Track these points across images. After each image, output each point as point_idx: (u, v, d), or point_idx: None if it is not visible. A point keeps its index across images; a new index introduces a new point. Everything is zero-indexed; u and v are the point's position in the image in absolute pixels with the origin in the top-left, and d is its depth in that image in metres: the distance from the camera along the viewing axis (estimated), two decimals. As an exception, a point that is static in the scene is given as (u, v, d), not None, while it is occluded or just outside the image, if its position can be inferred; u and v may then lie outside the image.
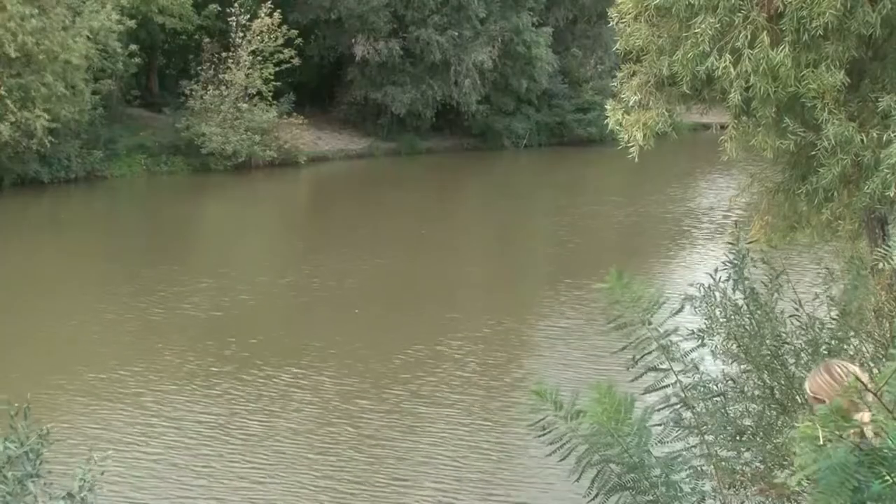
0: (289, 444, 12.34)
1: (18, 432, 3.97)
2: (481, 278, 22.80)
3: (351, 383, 14.52)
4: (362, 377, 14.73)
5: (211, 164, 38.41)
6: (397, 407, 13.68)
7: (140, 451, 12.09)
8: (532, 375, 14.74)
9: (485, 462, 11.94)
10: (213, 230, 29.68)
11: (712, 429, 5.38)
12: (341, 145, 45.17)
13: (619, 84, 8.33)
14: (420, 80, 44.99)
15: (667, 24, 6.94)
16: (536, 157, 47.20)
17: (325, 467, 11.72)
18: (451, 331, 17.31)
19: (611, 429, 4.87)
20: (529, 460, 11.68)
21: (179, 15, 40.27)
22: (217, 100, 38.92)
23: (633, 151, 8.15)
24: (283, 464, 11.79)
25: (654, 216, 30.45)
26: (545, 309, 19.39)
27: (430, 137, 47.53)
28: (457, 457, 12.09)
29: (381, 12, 43.19)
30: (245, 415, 13.31)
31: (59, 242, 26.33)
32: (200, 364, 15.37)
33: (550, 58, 48.47)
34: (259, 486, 11.24)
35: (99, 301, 19.19)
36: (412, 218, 29.93)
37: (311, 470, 11.65)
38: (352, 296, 20.19)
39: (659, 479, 4.80)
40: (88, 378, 14.54)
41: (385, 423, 13.09)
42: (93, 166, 35.56)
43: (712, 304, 5.76)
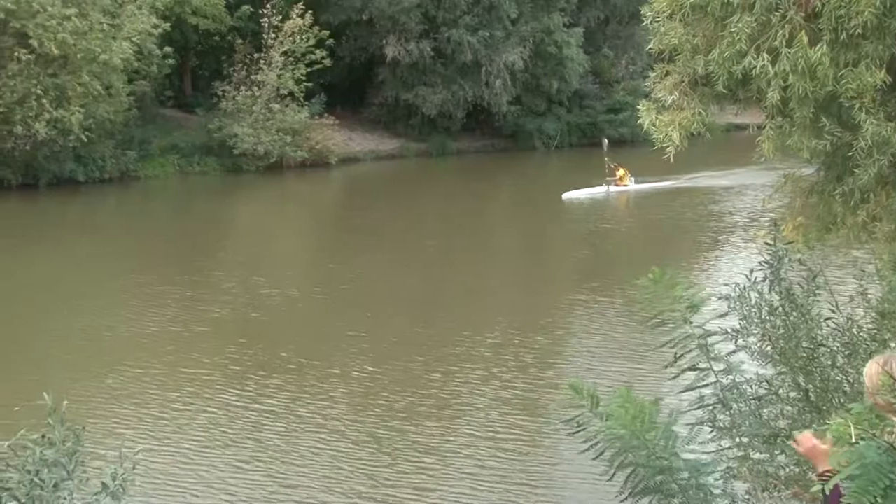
0: (318, 443, 12.32)
1: (54, 435, 4.01)
2: (513, 279, 22.74)
3: (380, 383, 14.50)
4: (392, 377, 14.70)
5: (243, 164, 38.70)
6: (427, 406, 13.64)
7: (172, 448, 12.14)
8: (565, 375, 14.69)
9: (517, 462, 11.87)
10: (244, 231, 29.86)
11: (746, 431, 5.33)
12: (372, 146, 45.32)
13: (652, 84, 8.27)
14: (451, 81, 45.02)
15: (702, 23, 6.87)
16: (567, 158, 47.05)
17: (355, 466, 11.68)
18: (482, 330, 17.24)
19: (635, 432, 4.85)
20: (561, 460, 11.63)
21: (213, 16, 40.66)
22: (249, 100, 39.20)
23: (668, 152, 8.07)
24: (313, 462, 11.77)
25: (686, 216, 30.23)
26: (578, 309, 19.26)
27: (461, 138, 47.55)
28: (488, 456, 12.03)
29: (413, 13, 43.26)
30: (274, 413, 13.32)
31: (93, 242, 26.61)
32: (231, 363, 15.44)
33: (581, 58, 48.33)
34: (286, 482, 11.24)
35: (132, 300, 19.34)
36: (442, 219, 29.95)
37: (340, 469, 11.60)
38: (381, 296, 20.20)
39: (688, 482, 4.76)
40: (121, 376, 14.65)
41: (415, 422, 13.04)
42: (127, 166, 35.98)
43: (747, 304, 5.70)
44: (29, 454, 3.90)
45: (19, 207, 31.12)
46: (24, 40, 31.00)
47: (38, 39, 30.78)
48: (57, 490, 3.90)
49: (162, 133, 39.50)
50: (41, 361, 15.43)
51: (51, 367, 15.14)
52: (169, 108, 43.05)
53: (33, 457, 3.88)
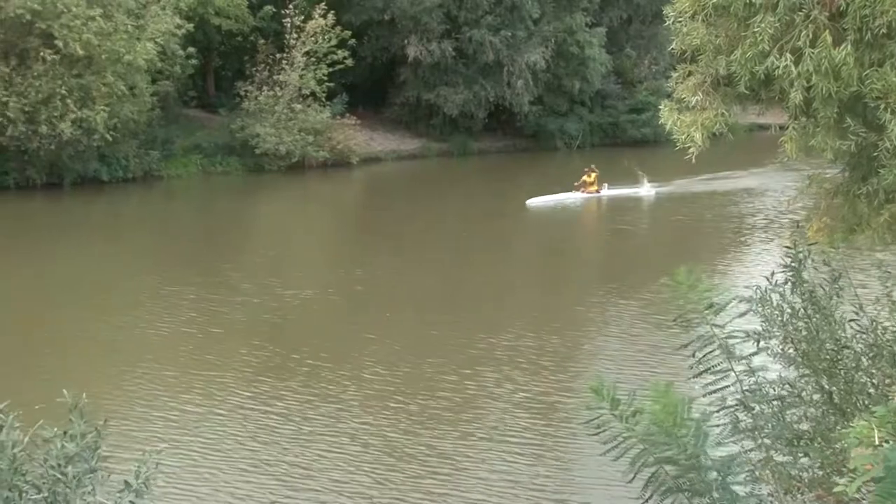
0: (330, 445, 12.32)
1: (76, 429, 4.03)
2: (532, 280, 22.68)
3: (394, 385, 14.47)
4: (406, 380, 14.68)
5: (265, 164, 38.84)
6: (441, 409, 13.60)
7: (184, 449, 12.18)
8: (581, 377, 14.62)
9: (531, 466, 11.80)
10: (264, 231, 29.94)
11: (769, 433, 5.30)
12: (393, 146, 45.36)
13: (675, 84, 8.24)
14: (473, 81, 44.99)
15: (725, 23, 6.84)
16: (589, 158, 46.80)
17: (368, 469, 11.64)
18: (498, 332, 17.20)
19: (668, 429, 4.83)
20: (582, 460, 11.58)
21: (235, 17, 40.83)
22: (271, 100, 39.33)
23: (691, 152, 8.04)
24: (324, 465, 11.76)
25: (709, 217, 30.09)
26: (596, 311, 19.18)
27: (483, 138, 47.51)
28: (502, 460, 11.96)
29: (435, 13, 43.26)
30: (294, 411, 13.37)
31: (115, 241, 26.79)
32: (251, 362, 15.49)
33: (604, 58, 48.18)
34: (298, 485, 11.24)
35: (151, 301, 19.44)
36: (462, 219, 29.90)
37: (352, 472, 11.59)
38: (398, 297, 20.23)
39: (715, 482, 4.74)
40: (136, 376, 14.72)
41: (428, 425, 13.00)
42: (150, 166, 36.19)
43: (770, 306, 5.67)
44: (51, 448, 3.92)
45: (44, 206, 31.38)
46: (49, 41, 31.24)
47: (63, 40, 31.01)
48: (80, 485, 3.92)
49: (185, 133, 39.71)
50: (60, 359, 15.53)
51: (69, 365, 15.27)
52: (192, 108, 43.27)
53: (56, 450, 3.90)
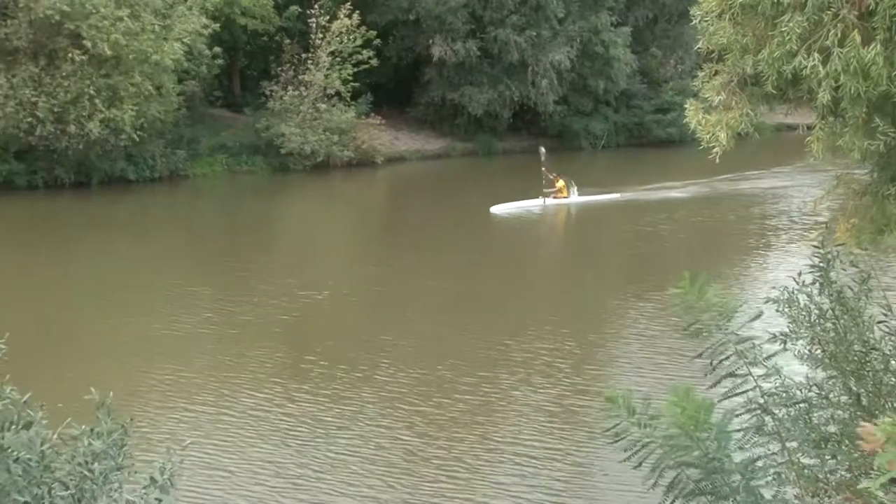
0: (344, 448, 12.25)
1: (102, 426, 4.06)
2: (555, 281, 22.60)
3: (417, 384, 14.44)
4: (422, 382, 14.60)
5: (290, 163, 39.02)
6: (456, 412, 13.50)
7: (216, 443, 12.25)
8: (600, 381, 14.54)
9: (548, 471, 11.68)
10: (288, 230, 30.07)
11: (795, 435, 5.26)
12: (418, 146, 45.43)
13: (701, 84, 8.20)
14: (497, 81, 44.97)
15: (752, 22, 6.78)
16: (614, 158, 46.76)
17: (381, 472, 11.56)
18: (516, 334, 17.11)
19: (689, 432, 4.80)
20: (600, 464, 11.50)
21: (261, 17, 41.08)
22: (296, 100, 39.51)
23: (714, 152, 8.00)
24: (338, 468, 11.67)
25: (735, 217, 29.91)
26: (619, 312, 19.07)
27: (507, 138, 47.48)
28: (518, 464, 11.87)
29: (459, 13, 43.29)
30: (309, 413, 13.33)
31: (141, 240, 26.99)
32: (275, 361, 15.53)
33: (629, 58, 48.02)
34: (311, 488, 11.19)
35: (172, 300, 19.55)
36: (485, 218, 29.84)
37: (366, 476, 11.48)
38: (416, 298, 20.18)
39: (739, 485, 4.71)
40: (167, 372, 14.81)
41: (444, 429, 12.91)
42: (176, 165, 36.47)
43: (796, 307, 5.62)
44: (78, 445, 3.96)
45: (72, 205, 31.67)
46: (77, 41, 31.55)
47: (91, 40, 31.30)
48: (106, 482, 3.95)
49: (210, 132, 39.96)
50: (82, 358, 15.65)
51: (91, 363, 15.39)
52: (217, 107, 43.55)
53: (83, 448, 3.94)
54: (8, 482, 3.58)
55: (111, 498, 4.01)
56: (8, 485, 3.58)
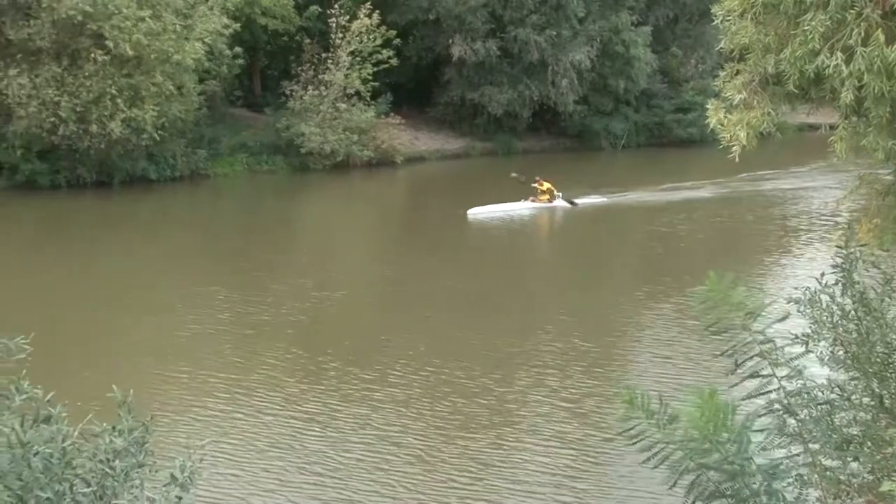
0: (358, 450, 12.21)
1: (123, 424, 4.09)
2: (572, 281, 22.49)
3: (431, 385, 14.40)
4: (438, 383, 14.55)
5: (310, 163, 39.11)
6: (473, 413, 13.45)
7: (229, 444, 12.27)
8: (618, 381, 14.47)
9: (567, 473, 11.61)
10: (307, 230, 30.14)
11: (817, 437, 5.22)
12: (438, 145, 45.44)
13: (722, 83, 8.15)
14: (517, 81, 44.91)
15: (774, 21, 6.74)
16: (634, 158, 46.61)
17: (397, 474, 11.53)
18: (533, 335, 17.05)
19: (710, 435, 4.78)
20: (617, 466, 11.44)
21: (282, 16, 41.21)
22: (316, 100, 39.60)
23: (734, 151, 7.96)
24: (353, 470, 11.65)
25: (755, 218, 29.77)
26: (635, 312, 18.96)
27: (527, 138, 47.42)
28: (536, 467, 11.81)
29: (479, 12, 43.26)
30: (322, 414, 13.30)
31: (163, 239, 27.12)
32: (289, 362, 15.52)
33: (649, 57, 47.86)
34: (325, 489, 11.17)
35: (196, 298, 19.62)
36: (504, 218, 29.80)
37: (381, 478, 11.46)
38: (440, 297, 20.18)
39: (761, 487, 4.69)
40: (181, 372, 14.85)
41: (460, 430, 12.87)
42: (197, 165, 36.63)
43: (819, 308, 5.59)
44: (100, 442, 3.98)
45: (94, 205, 31.87)
46: (100, 41, 31.74)
47: (113, 41, 31.48)
48: (127, 479, 3.97)
49: (231, 132, 40.12)
50: (101, 356, 15.73)
51: (110, 362, 15.48)
52: (238, 107, 43.72)
53: (104, 445, 3.96)
54: (30, 478, 3.61)
55: (132, 495, 4.04)
56: (30, 481, 3.60)
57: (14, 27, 31.72)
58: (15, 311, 17.34)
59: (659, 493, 9.24)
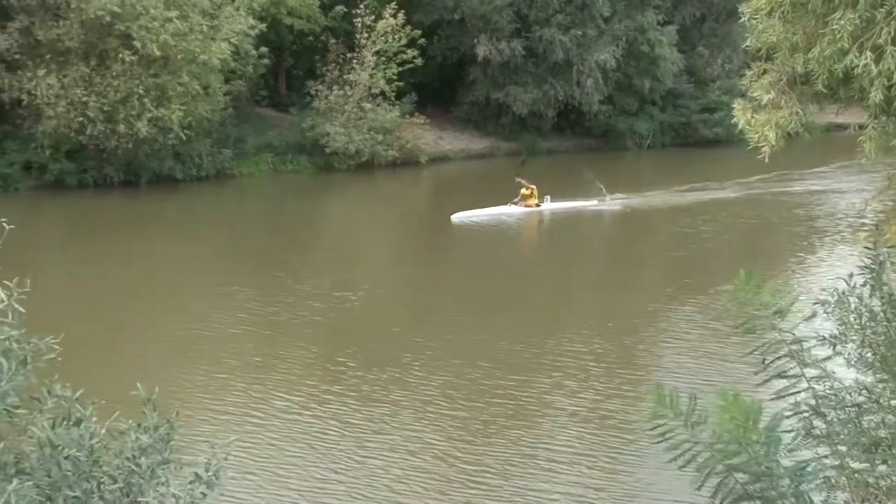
0: (376, 453, 12.14)
1: (149, 421, 4.11)
2: (595, 282, 22.38)
3: (450, 388, 14.30)
4: (462, 382, 14.51)
5: (334, 163, 39.22)
6: (493, 416, 13.37)
7: (247, 444, 12.24)
8: (640, 383, 14.40)
9: (589, 474, 11.55)
10: (332, 230, 30.19)
11: (845, 439, 5.17)
12: (462, 145, 45.43)
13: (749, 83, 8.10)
14: (542, 80, 44.82)
15: (802, 20, 6.70)
16: (659, 158, 46.38)
17: (423, 471, 11.51)
18: (556, 337, 16.94)
19: (737, 436, 4.75)
20: (636, 471, 11.36)
21: (307, 16, 41.35)
22: (341, 100, 39.69)
23: (763, 152, 7.91)
24: (371, 472, 11.60)
25: (779, 219, 29.53)
26: (658, 314, 18.79)
27: (552, 137, 47.33)
28: (557, 471, 11.74)
29: (505, 12, 43.22)
30: (349, 414, 13.28)
31: (188, 239, 27.26)
32: (307, 363, 15.50)
33: (675, 57, 47.63)
34: (352, 487, 11.14)
35: (218, 298, 19.72)
36: (530, 219, 29.76)
37: (399, 480, 11.39)
38: (461, 298, 20.15)
39: (788, 490, 4.65)
40: (200, 373, 14.89)
41: (486, 430, 12.83)
42: (222, 164, 36.82)
43: (846, 309, 5.53)
44: (126, 440, 4.01)
45: (121, 204, 32.10)
46: (127, 42, 31.99)
47: (141, 41, 31.72)
48: (153, 476, 4.00)
49: (256, 132, 40.29)
50: (123, 355, 15.81)
51: (132, 360, 15.58)
52: (264, 107, 43.89)
53: (130, 442, 3.99)
54: (59, 476, 3.64)
55: (157, 492, 4.06)
56: (59, 479, 3.64)
57: (43, 27, 32.02)
58: (42, 310, 17.43)
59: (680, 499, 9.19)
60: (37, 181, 33.15)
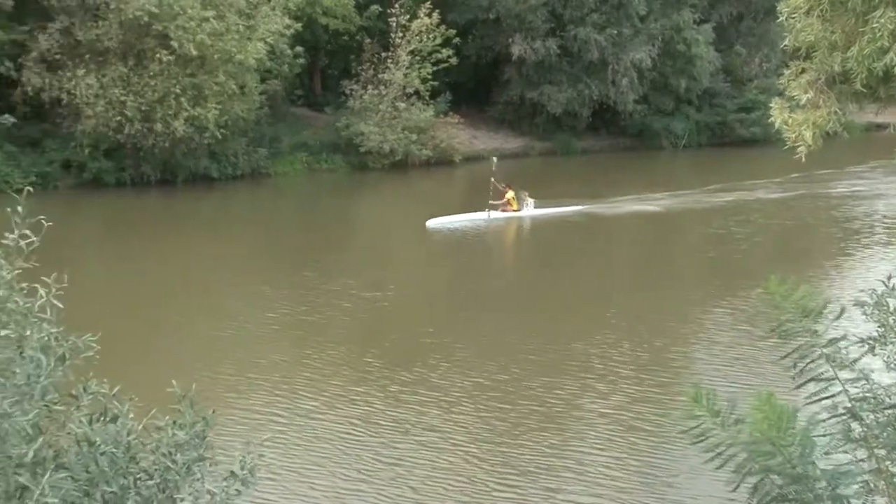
0: (417, 448, 12.15)
1: (185, 418, 4.15)
2: (625, 283, 22.21)
3: (480, 390, 14.23)
4: (492, 384, 14.41)
5: (369, 162, 39.37)
6: (528, 415, 13.30)
7: (284, 440, 12.29)
8: (685, 380, 14.28)
9: (618, 478, 11.46)
10: (365, 229, 30.27)
11: (883, 442, 5.11)
12: (496, 144, 45.39)
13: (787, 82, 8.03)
14: (577, 80, 44.69)
15: (841, 19, 6.63)
16: (695, 158, 46.07)
17: (452, 475, 11.44)
18: (594, 334, 16.86)
19: (772, 438, 4.71)
20: (666, 476, 11.25)
21: (342, 16, 41.54)
22: (376, 99, 39.84)
23: (800, 151, 7.83)
24: (395, 474, 11.53)
25: (819, 219, 29.21)
26: (687, 318, 18.59)
27: (586, 137, 47.19)
28: (588, 471, 11.67)
29: (540, 11, 43.15)
30: (375, 415, 13.23)
31: (222, 237, 27.44)
32: (334, 363, 15.45)
33: (712, 56, 47.30)
34: (383, 485, 11.13)
35: (248, 297, 19.82)
36: (559, 219, 29.64)
37: (434, 477, 11.37)
38: (498, 296, 20.12)
39: (825, 493, 4.60)
40: (227, 373, 14.88)
41: (513, 433, 12.74)
42: (257, 164, 37.08)
43: (885, 311, 5.46)
44: (162, 436, 4.05)
45: (157, 203, 32.43)
46: (165, 41, 32.30)
47: (178, 41, 32.01)
48: (189, 473, 4.03)
49: (292, 131, 40.54)
50: (155, 352, 15.92)
51: (178, 354, 15.71)
52: (299, 106, 44.16)
53: (166, 438, 4.03)
54: (96, 472, 3.68)
55: (193, 489, 4.09)
56: (97, 475, 3.68)
57: (83, 28, 32.42)
58: (79, 307, 17.59)
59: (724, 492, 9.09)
60: (75, 179, 33.58)
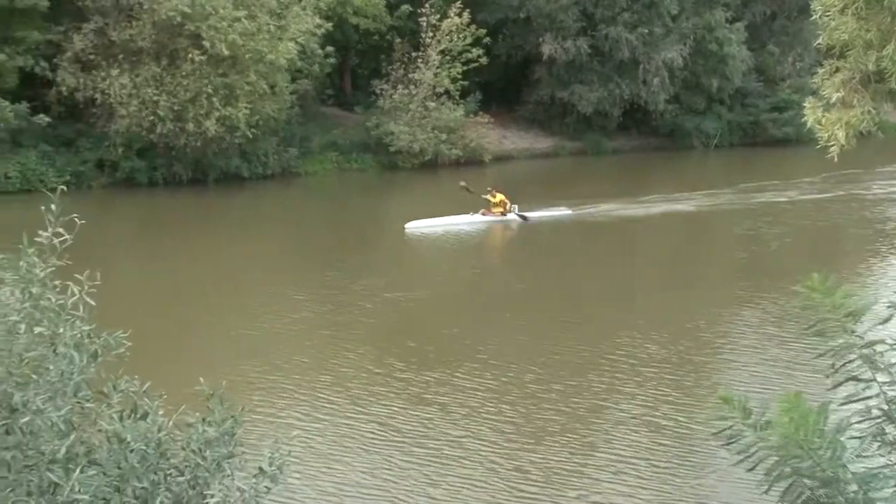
0: (440, 450, 12.08)
1: (215, 415, 4.17)
2: (661, 281, 22.06)
3: (505, 392, 14.11)
4: (518, 386, 14.30)
5: (398, 161, 39.42)
6: (553, 418, 13.20)
7: (319, 437, 12.34)
8: (713, 381, 14.17)
9: (646, 480, 11.32)
10: (393, 228, 30.25)
11: (918, 447, 5.04)
12: (526, 144, 45.32)
13: (820, 81, 7.95)
14: (608, 79, 44.47)
15: (876, 17, 6.55)
16: (727, 158, 45.70)
17: (476, 477, 11.34)
18: (620, 335, 16.71)
19: (800, 441, 4.67)
20: (712, 470, 11.17)
21: (373, 16, 41.64)
22: (406, 99, 39.88)
23: (832, 151, 7.75)
24: (453, 458, 11.61)
25: (851, 220, 28.88)
26: (717, 319, 18.36)
27: (617, 137, 46.95)
28: (634, 465, 11.61)
29: (571, 10, 42.97)
30: (399, 416, 13.18)
31: (252, 237, 27.52)
32: (358, 364, 15.41)
33: (744, 55, 46.89)
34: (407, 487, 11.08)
35: (275, 297, 19.83)
36: (588, 219, 29.48)
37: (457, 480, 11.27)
38: (523, 296, 20.02)
39: (856, 496, 4.55)
40: (267, 369, 14.95)
41: (538, 435, 12.64)
42: (288, 163, 37.26)
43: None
44: (192, 433, 4.07)
45: (189, 202, 32.65)
46: (197, 42, 32.53)
47: (210, 41, 32.23)
48: (219, 469, 4.06)
49: (322, 131, 40.67)
50: (183, 352, 15.97)
51: (207, 353, 15.81)
52: (329, 106, 44.29)
53: (196, 435, 4.05)
54: (127, 468, 3.71)
55: (223, 485, 4.11)
56: (127, 471, 3.71)
57: (117, 28, 32.73)
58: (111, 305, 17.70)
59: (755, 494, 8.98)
60: (109, 179, 33.91)
